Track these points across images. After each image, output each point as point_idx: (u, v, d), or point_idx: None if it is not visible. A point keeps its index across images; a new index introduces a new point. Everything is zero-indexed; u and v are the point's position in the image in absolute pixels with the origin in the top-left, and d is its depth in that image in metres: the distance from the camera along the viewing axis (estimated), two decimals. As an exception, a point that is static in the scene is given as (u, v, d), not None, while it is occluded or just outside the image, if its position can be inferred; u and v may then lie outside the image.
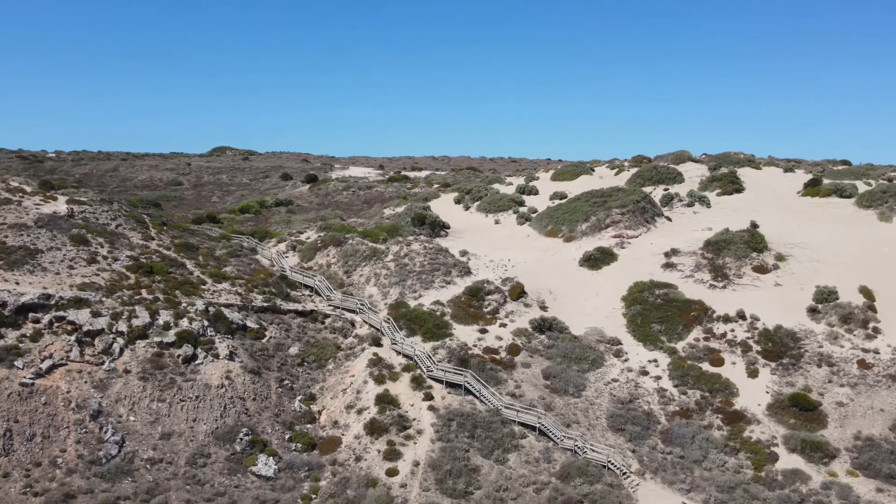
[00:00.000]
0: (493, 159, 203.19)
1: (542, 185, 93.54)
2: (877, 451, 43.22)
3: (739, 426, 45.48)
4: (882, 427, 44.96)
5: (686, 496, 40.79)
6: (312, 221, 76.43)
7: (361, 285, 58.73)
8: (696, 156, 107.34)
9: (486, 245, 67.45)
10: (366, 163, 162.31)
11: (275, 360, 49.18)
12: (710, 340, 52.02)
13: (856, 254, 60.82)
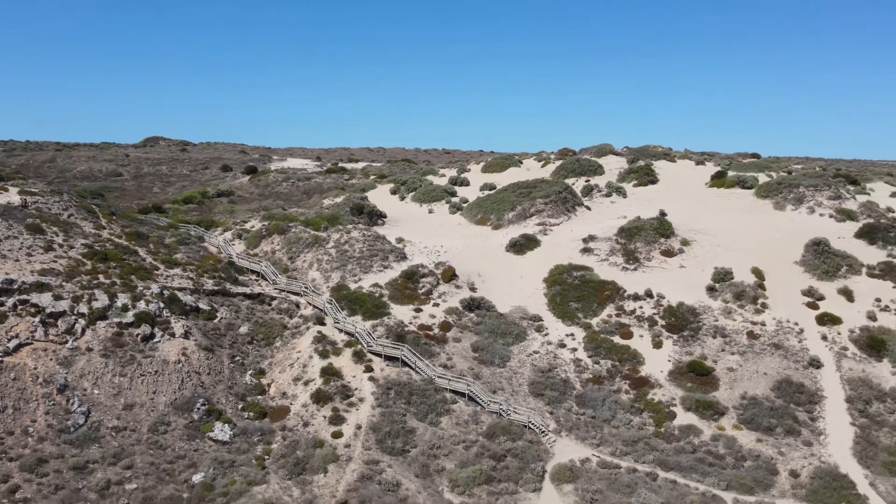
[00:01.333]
0: (428, 151, 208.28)
1: (473, 176, 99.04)
2: (759, 408, 49.91)
3: (644, 390, 51.66)
4: (765, 388, 51.72)
5: (596, 449, 46.68)
6: (255, 211, 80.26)
7: (305, 270, 63.11)
8: (617, 149, 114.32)
9: (420, 233, 72.43)
10: (303, 154, 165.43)
11: (226, 339, 53.29)
12: (622, 316, 58.18)
13: (751, 239, 67.95)
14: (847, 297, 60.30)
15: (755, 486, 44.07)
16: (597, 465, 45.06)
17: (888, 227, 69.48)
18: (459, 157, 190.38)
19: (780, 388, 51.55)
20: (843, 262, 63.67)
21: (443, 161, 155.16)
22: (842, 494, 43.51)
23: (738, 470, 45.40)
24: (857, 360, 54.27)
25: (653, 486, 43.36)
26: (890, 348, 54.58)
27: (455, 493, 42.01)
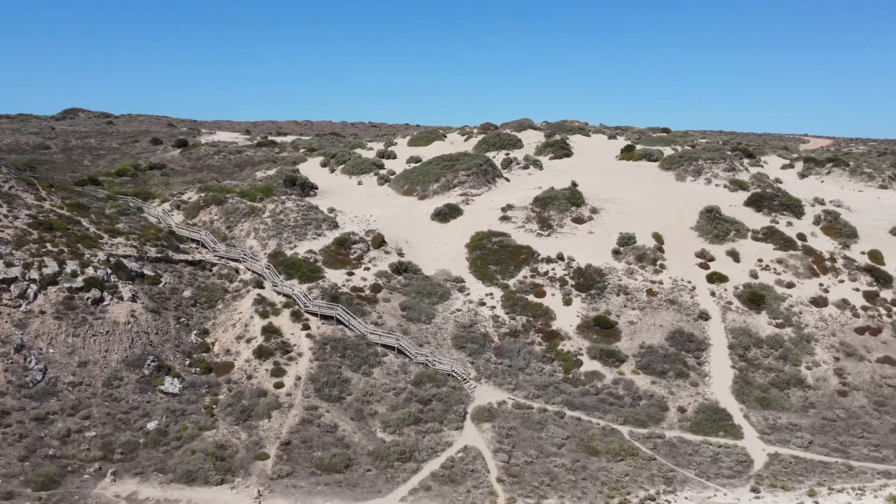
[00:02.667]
0: (354, 124, 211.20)
1: (400, 149, 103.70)
2: (654, 355, 56.65)
3: (555, 342, 57.81)
4: (660, 338, 58.53)
5: (511, 393, 52.60)
6: (191, 184, 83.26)
7: (243, 239, 67.05)
8: (537, 123, 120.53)
9: (350, 203, 76.93)
10: (230, 127, 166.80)
11: (171, 302, 57.11)
12: (536, 277, 64.18)
13: (653, 207, 74.81)
14: (734, 258, 67.69)
15: (648, 420, 50.72)
16: (512, 406, 50.98)
17: (773, 195, 77.37)
18: (386, 130, 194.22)
19: (674, 338, 58.44)
20: (732, 227, 71.08)
21: (370, 134, 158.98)
22: (720, 425, 50.55)
23: (634, 408, 51.98)
24: (739, 313, 61.65)
25: (560, 423, 49.53)
26: (768, 302, 62.13)
27: (387, 433, 47.32)
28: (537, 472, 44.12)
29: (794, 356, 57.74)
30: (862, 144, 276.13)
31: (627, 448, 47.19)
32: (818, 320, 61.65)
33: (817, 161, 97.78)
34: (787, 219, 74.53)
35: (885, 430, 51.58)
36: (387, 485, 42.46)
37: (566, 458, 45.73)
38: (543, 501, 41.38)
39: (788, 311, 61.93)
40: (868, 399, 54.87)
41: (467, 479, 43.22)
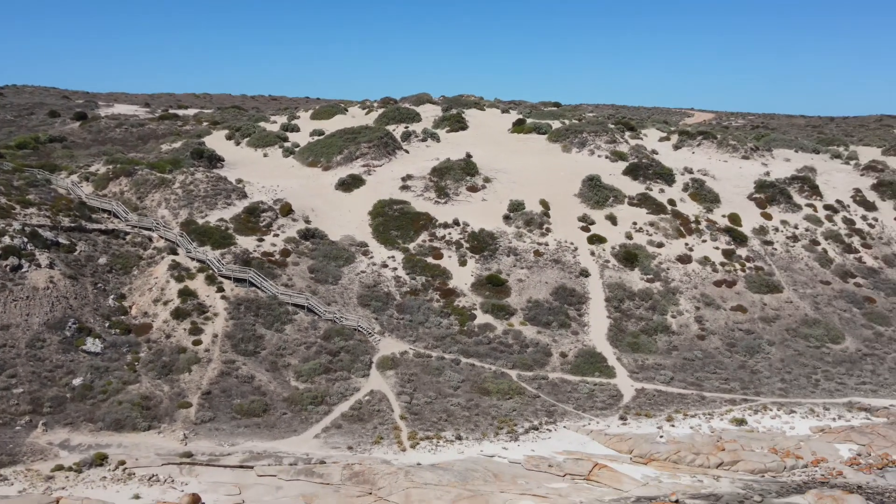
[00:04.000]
0: (255, 97, 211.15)
1: (303, 123, 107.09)
2: (540, 308, 63.20)
3: (451, 298, 63.59)
4: (546, 293, 65.14)
5: (412, 345, 58.11)
6: (97, 156, 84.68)
7: (154, 209, 69.84)
8: (434, 98, 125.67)
9: (257, 174, 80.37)
10: (127, 100, 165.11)
11: (87, 269, 59.81)
12: (434, 241, 69.69)
13: (541, 176, 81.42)
14: (612, 221, 75.02)
15: (534, 365, 57.21)
16: (413, 356, 56.53)
17: (648, 165, 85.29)
18: (287, 103, 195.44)
19: (558, 293, 65.14)
20: (611, 194, 78.44)
21: (271, 108, 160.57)
22: (596, 366, 57.55)
23: (521, 354, 58.35)
24: (615, 270, 68.95)
25: (456, 369, 55.40)
26: (640, 260, 69.68)
27: (300, 382, 52.09)
28: (436, 410, 49.89)
29: (661, 307, 65.42)
30: (741, 118, 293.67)
31: (515, 388, 53.55)
32: (683, 275, 69.65)
33: (690, 134, 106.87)
34: (660, 186, 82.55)
35: (734, 366, 59.78)
36: (302, 425, 47.36)
37: (461, 398, 51.68)
38: (441, 433, 47.18)
39: (658, 268, 69.68)
40: (722, 341, 63.04)
41: (374, 417, 48.58)
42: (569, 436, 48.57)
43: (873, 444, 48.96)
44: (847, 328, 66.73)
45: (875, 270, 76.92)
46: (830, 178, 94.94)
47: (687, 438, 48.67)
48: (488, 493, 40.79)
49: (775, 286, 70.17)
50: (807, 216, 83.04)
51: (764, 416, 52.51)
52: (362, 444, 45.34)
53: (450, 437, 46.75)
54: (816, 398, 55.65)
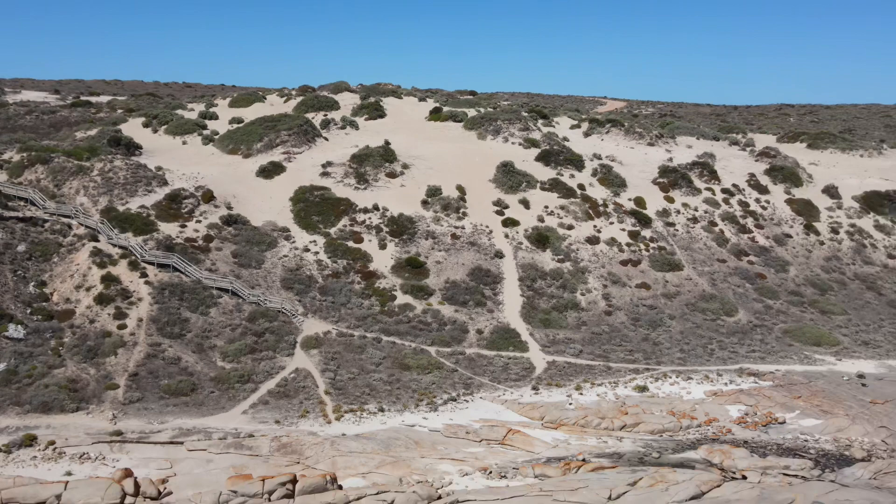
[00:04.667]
0: (168, 84, 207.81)
1: (222, 111, 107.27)
2: (457, 289, 66.23)
3: (372, 280, 65.99)
4: (462, 274, 68.21)
5: (335, 325, 60.34)
6: (8, 144, 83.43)
7: (72, 196, 69.78)
8: (352, 86, 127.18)
9: (177, 162, 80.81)
10: (35, 86, 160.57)
11: (6, 257, 59.74)
12: (355, 226, 71.87)
13: (457, 163, 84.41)
14: (525, 205, 78.62)
15: (452, 341, 60.19)
16: (336, 335, 58.77)
17: (559, 152, 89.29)
18: (202, 90, 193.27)
19: (474, 274, 68.29)
20: (524, 179, 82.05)
21: (186, 95, 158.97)
22: (510, 342, 60.96)
23: (440, 332, 61.26)
24: (528, 251, 72.57)
25: (378, 347, 57.95)
26: (552, 241, 73.46)
27: (226, 362, 53.74)
28: (359, 385, 52.37)
29: (571, 285, 69.34)
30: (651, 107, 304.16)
31: (434, 363, 56.46)
32: (591, 255, 73.79)
33: (599, 122, 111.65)
34: (571, 171, 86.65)
35: (637, 339, 64.11)
36: (230, 402, 49.15)
37: (383, 374, 54.29)
38: (365, 406, 49.70)
39: (568, 249, 73.62)
40: (627, 316, 67.37)
41: (299, 393, 50.73)
42: (485, 405, 51.75)
43: (759, 405, 53.77)
44: (740, 302, 72.07)
45: (766, 249, 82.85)
46: (728, 164, 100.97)
47: (594, 405, 52.48)
48: (410, 459, 43.60)
49: (676, 264, 75.03)
50: (706, 199, 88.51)
51: (664, 383, 56.82)
52: (289, 418, 47.47)
53: (373, 410, 49.33)
54: (711, 366, 60.40)
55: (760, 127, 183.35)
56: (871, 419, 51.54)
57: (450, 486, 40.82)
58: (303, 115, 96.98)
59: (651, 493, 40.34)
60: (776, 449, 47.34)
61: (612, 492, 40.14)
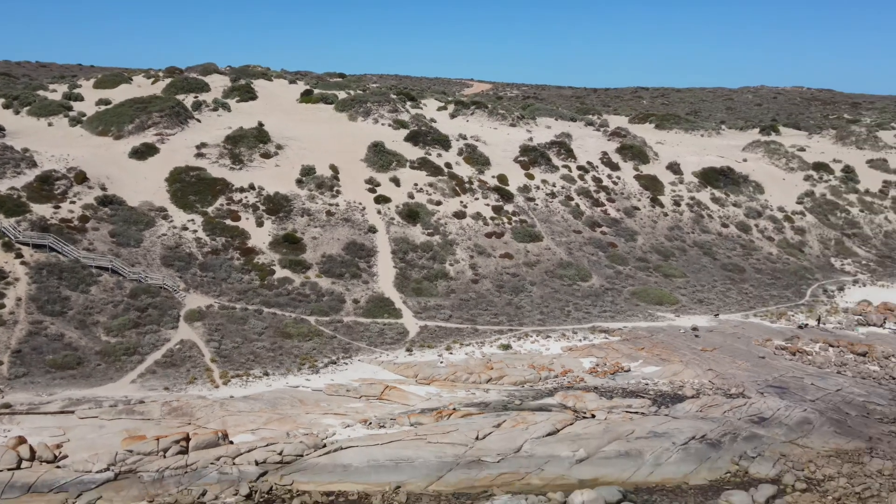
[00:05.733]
0: (20, 63, 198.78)
1: (87, 92, 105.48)
2: (333, 262, 69.87)
3: (251, 256, 68.61)
4: (338, 249, 71.86)
5: (217, 299, 62.77)
6: None
7: (-64, 178, 68.50)
8: (221, 68, 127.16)
9: (45, 143, 79.95)
10: None
11: None
12: (231, 205, 74.03)
13: (330, 143, 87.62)
14: (396, 183, 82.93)
15: (330, 311, 63.92)
16: (218, 308, 61.29)
17: (427, 132, 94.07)
18: (58, 70, 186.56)
19: (349, 248, 72.08)
20: (394, 158, 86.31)
21: (43, 75, 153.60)
22: (385, 309, 65.29)
23: (318, 302, 64.82)
24: (400, 226, 76.99)
25: (260, 318, 60.92)
26: (421, 217, 78.19)
27: (111, 336, 55.39)
28: (243, 353, 55.39)
29: (441, 256, 74.32)
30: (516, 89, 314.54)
31: (314, 331, 60.08)
32: (459, 229, 79.04)
33: (465, 104, 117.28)
34: (438, 151, 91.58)
35: (502, 304, 69.85)
36: (117, 373, 51.11)
37: (266, 342, 57.45)
38: (250, 371, 52.85)
39: (437, 223, 78.55)
40: (492, 284, 73.02)
41: (186, 362, 53.25)
42: (363, 367, 55.93)
43: (608, 357, 60.50)
44: (594, 269, 79.25)
45: (617, 220, 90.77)
46: (584, 143, 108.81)
47: (463, 362, 57.64)
48: (295, 415, 47.27)
49: (537, 236, 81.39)
50: (563, 176, 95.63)
51: (525, 342, 62.70)
52: (178, 385, 50.05)
53: (258, 374, 52.57)
54: (567, 325, 66.88)
55: (616, 109, 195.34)
56: (701, 364, 59.18)
57: (333, 437, 44.81)
58: (173, 96, 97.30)
59: (513, 433, 45.89)
60: (621, 392, 53.91)
61: (479, 433, 45.41)
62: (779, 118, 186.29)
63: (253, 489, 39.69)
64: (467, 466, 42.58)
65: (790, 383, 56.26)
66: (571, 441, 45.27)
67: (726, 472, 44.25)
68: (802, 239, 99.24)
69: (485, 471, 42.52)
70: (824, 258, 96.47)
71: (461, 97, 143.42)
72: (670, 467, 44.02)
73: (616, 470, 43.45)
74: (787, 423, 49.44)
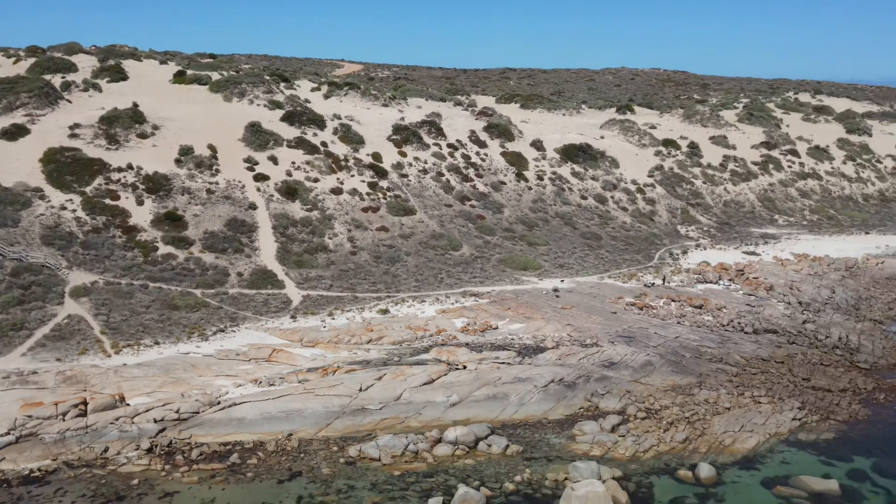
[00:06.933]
0: None
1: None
2: (216, 238, 72.27)
3: (133, 234, 70.09)
4: (220, 225, 74.25)
5: (101, 275, 64.22)
6: None
7: None
8: (86, 48, 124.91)
9: None
10: None
11: None
12: (110, 184, 74.93)
13: (207, 124, 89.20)
14: (274, 161, 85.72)
15: (215, 284, 66.61)
16: (104, 284, 62.87)
17: (302, 113, 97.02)
18: None
19: (230, 224, 74.63)
20: (271, 138, 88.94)
21: None
22: (268, 281, 68.59)
23: (203, 276, 67.32)
24: (279, 203, 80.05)
25: (146, 292, 63.00)
26: (300, 193, 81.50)
27: (-5, 314, 56.32)
28: (132, 325, 57.60)
29: (320, 231, 78.00)
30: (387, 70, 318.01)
31: (201, 302, 62.77)
32: (336, 204, 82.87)
33: (338, 85, 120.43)
34: (314, 130, 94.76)
35: (379, 273, 74.42)
36: (6, 348, 52.40)
37: (154, 314, 59.76)
38: (141, 341, 55.27)
39: (315, 199, 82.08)
40: (370, 255, 77.41)
41: (76, 335, 55.03)
42: (251, 334, 59.29)
43: (478, 317, 66.18)
44: (464, 239, 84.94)
45: (485, 195, 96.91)
46: (453, 122, 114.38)
47: (344, 326, 61.93)
48: (189, 378, 50.33)
49: (410, 210, 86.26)
50: (434, 153, 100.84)
51: (402, 307, 67.53)
52: (69, 356, 51.97)
53: (149, 343, 55.07)
54: (441, 290, 72.18)
55: (484, 89, 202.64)
56: (560, 320, 65.79)
57: (227, 396, 48.26)
58: (40, 77, 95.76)
59: (393, 384, 50.73)
60: (490, 346, 59.64)
61: (362, 385, 49.98)
62: (635, 98, 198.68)
63: (153, 444, 42.80)
64: (353, 414, 47.11)
65: (637, 333, 63.62)
66: (445, 388, 50.53)
67: (580, 407, 50.70)
68: (653, 209, 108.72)
69: (368, 417, 47.17)
70: (672, 225, 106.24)
71: (333, 78, 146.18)
72: (532, 406, 50.04)
73: (485, 411, 49.06)
74: (632, 365, 56.49)
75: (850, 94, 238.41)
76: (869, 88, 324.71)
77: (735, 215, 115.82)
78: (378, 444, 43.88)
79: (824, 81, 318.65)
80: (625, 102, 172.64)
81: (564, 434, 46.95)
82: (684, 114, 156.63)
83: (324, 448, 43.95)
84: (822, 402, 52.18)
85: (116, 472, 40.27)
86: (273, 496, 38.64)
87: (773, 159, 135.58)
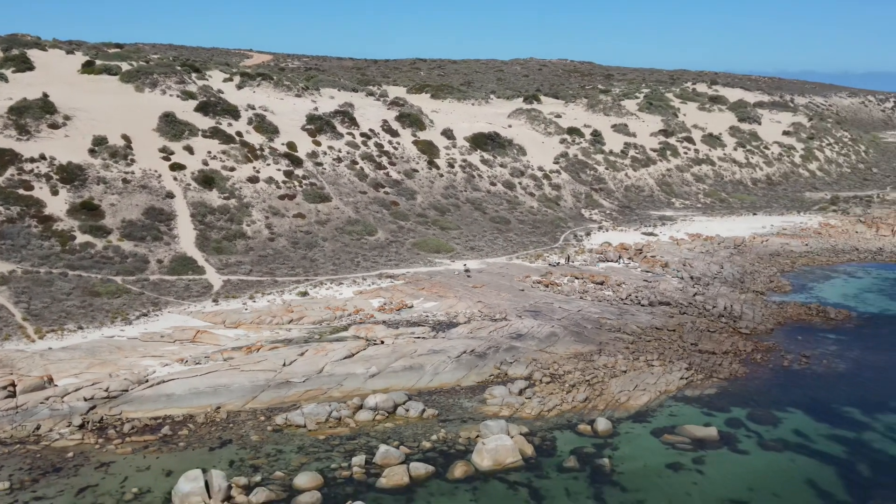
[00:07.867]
0: None
1: None
2: (135, 227, 73.29)
3: (50, 224, 70.47)
4: (138, 214, 75.24)
5: (18, 265, 64.67)
6: None
7: None
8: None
9: None
10: None
11: None
12: (23, 175, 74.85)
13: (120, 114, 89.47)
14: (189, 151, 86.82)
15: (136, 271, 67.90)
16: (21, 272, 63.39)
17: (216, 103, 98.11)
18: None
19: (148, 213, 75.72)
20: (186, 128, 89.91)
21: None
22: (189, 267, 70.26)
23: (123, 264, 68.46)
24: (197, 191, 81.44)
25: (66, 280, 63.88)
26: (217, 182, 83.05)
27: (-88, 304, 56.52)
28: (54, 312, 58.64)
29: (238, 218, 79.85)
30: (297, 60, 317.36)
31: (122, 289, 64.12)
32: (253, 193, 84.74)
33: (251, 76, 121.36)
34: (228, 121, 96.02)
35: (297, 258, 76.91)
36: (-73, 336, 52.92)
37: (76, 301, 60.88)
38: (65, 326, 56.47)
39: (232, 188, 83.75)
40: (288, 241, 79.75)
41: (-3, 323, 55.87)
42: (174, 317, 61.11)
43: (394, 297, 69.53)
44: (379, 225, 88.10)
45: (398, 182, 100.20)
46: (366, 112, 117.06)
47: (265, 308, 64.33)
48: (115, 360, 52.05)
49: (326, 197, 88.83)
50: (348, 142, 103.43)
51: (321, 289, 70.30)
52: (-7, 342, 52.92)
53: (73, 328, 56.34)
54: (358, 273, 75.21)
55: (395, 80, 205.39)
56: (471, 298, 69.77)
57: (154, 374, 50.29)
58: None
59: (315, 358, 53.72)
60: (406, 323, 63.13)
61: (286, 360, 52.82)
62: (542, 88, 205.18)
63: (85, 420, 44.68)
64: (277, 387, 49.94)
65: (542, 308, 68.21)
66: (365, 361, 53.84)
67: (490, 374, 54.85)
68: (558, 194, 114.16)
69: (293, 389, 50.09)
70: (576, 209, 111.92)
71: (244, 68, 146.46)
72: (446, 375, 53.88)
73: (403, 380, 52.62)
74: (538, 336, 60.98)
75: (743, 85, 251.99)
76: (762, 79, 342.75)
77: (635, 199, 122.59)
78: (303, 412, 46.89)
79: (721, 73, 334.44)
80: (532, 92, 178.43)
81: (476, 398, 50.97)
82: (588, 103, 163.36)
83: (251, 418, 46.68)
84: (706, 363, 57.82)
85: (51, 447, 42.07)
86: (206, 462, 41.18)
87: (671, 146, 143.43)
